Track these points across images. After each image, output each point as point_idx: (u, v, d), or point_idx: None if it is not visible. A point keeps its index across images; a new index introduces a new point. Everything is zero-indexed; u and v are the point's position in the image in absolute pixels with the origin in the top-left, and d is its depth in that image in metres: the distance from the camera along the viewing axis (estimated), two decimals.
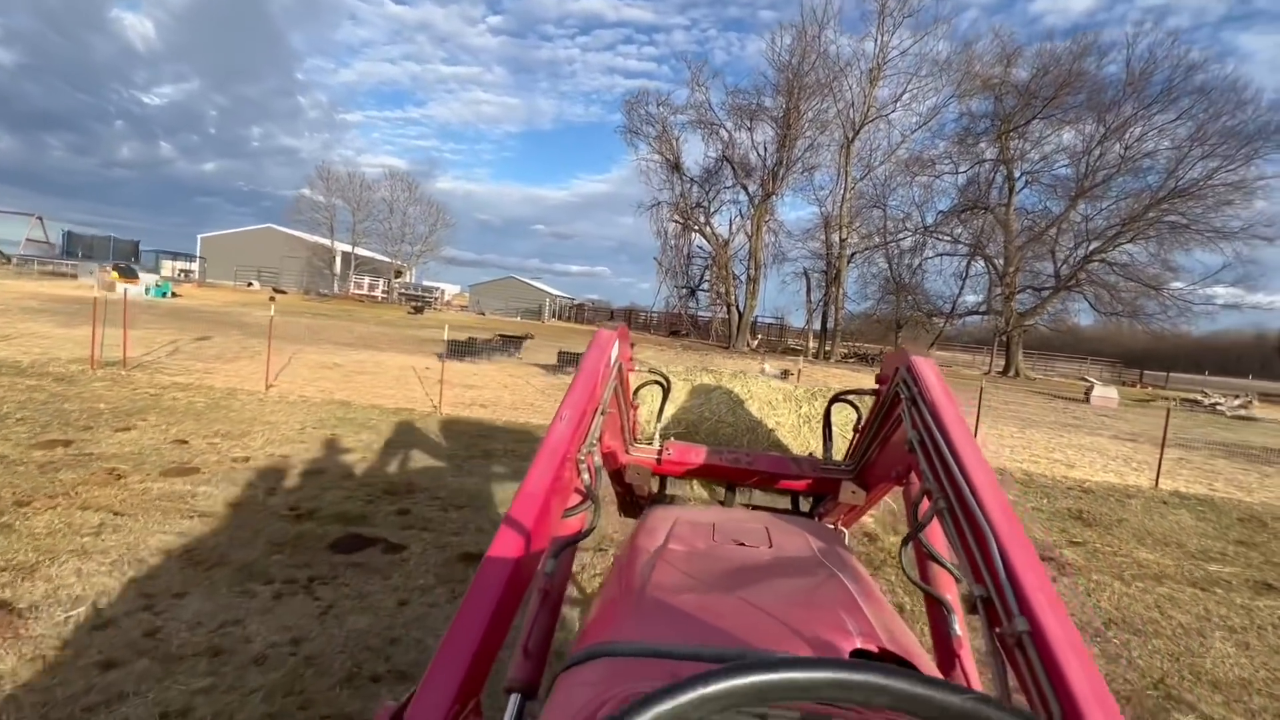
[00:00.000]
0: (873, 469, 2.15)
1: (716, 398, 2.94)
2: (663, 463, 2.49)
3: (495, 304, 45.18)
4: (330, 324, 23.29)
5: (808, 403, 2.95)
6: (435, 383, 12.62)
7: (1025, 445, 12.14)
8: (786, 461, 2.50)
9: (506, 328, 31.66)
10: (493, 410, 10.67)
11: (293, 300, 34.95)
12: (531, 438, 8.95)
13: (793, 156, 31.56)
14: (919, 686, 0.48)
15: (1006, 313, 30.96)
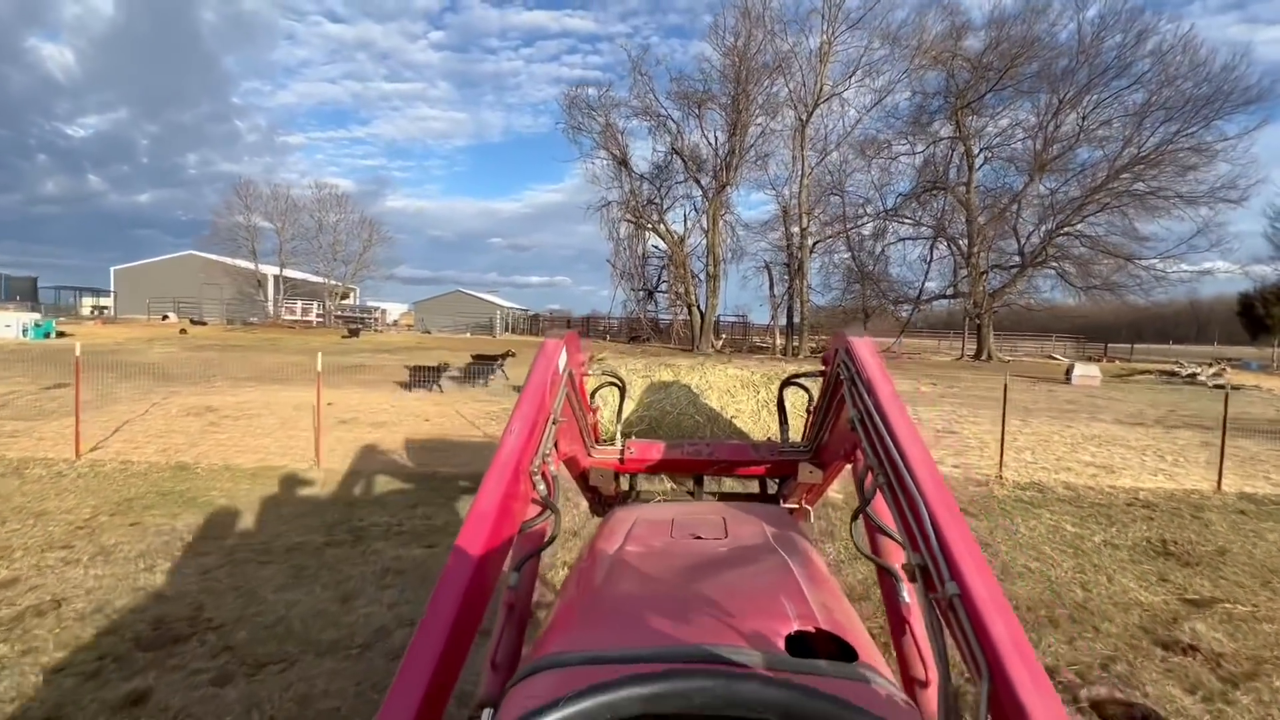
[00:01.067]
0: (827, 448, 2.24)
1: (676, 391, 2.96)
2: (625, 462, 2.52)
3: (442, 321, 42.24)
4: (239, 357, 20.40)
5: (765, 387, 2.99)
6: (336, 423, 10.18)
7: (1043, 443, 10.42)
8: (746, 448, 2.58)
9: (454, 346, 29.02)
10: (401, 457, 8.34)
11: (211, 332, 31.58)
12: (449, 494, 6.71)
13: (745, 145, 29.96)
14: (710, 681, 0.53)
15: (975, 295, 29.91)
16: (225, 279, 38.01)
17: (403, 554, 5.03)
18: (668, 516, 1.83)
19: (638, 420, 2.86)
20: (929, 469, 1.28)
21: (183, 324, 33.05)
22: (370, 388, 14.76)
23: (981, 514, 6.41)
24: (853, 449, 1.86)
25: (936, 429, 11.45)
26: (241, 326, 35.24)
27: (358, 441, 9.11)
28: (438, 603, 1.12)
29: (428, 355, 23.65)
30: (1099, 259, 26.04)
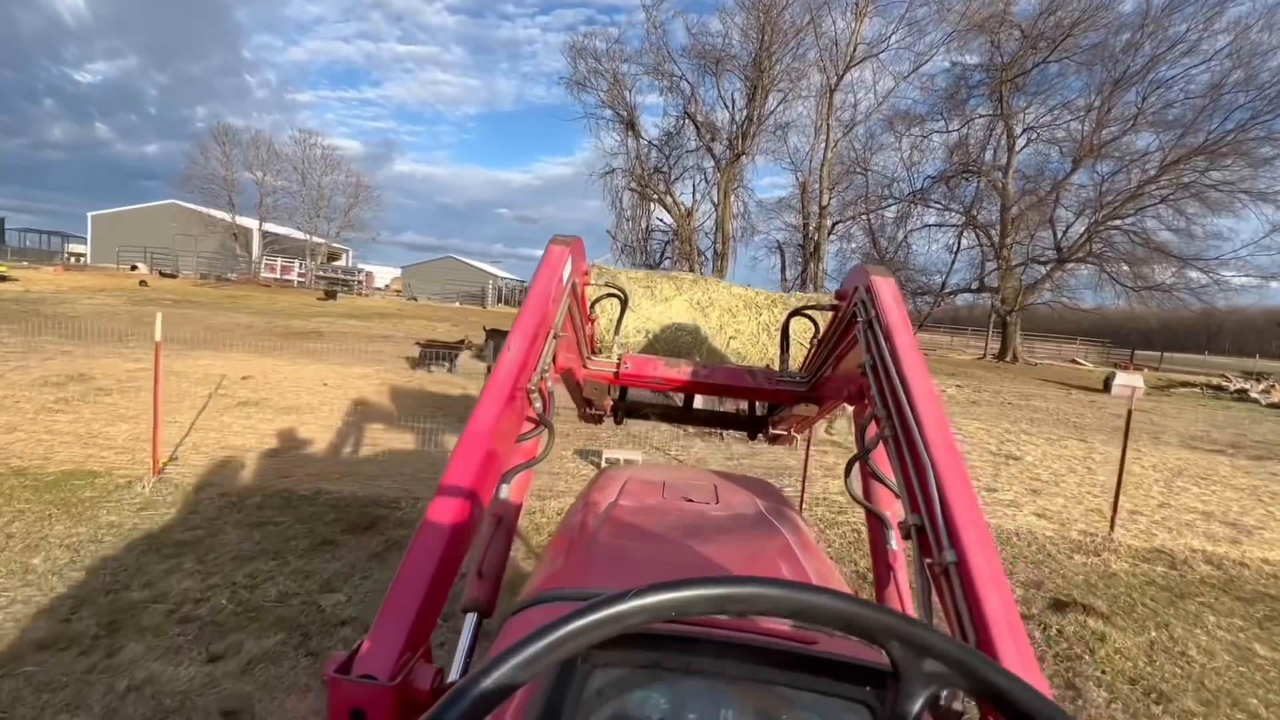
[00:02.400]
0: (826, 385, 2.18)
1: (676, 306, 2.87)
2: (620, 376, 2.48)
3: (431, 288, 39.80)
4: (186, 314, 18.17)
5: (768, 310, 2.89)
6: (235, 405, 7.98)
7: (1129, 478, 8.21)
8: (743, 374, 2.51)
9: (436, 316, 26.78)
10: (294, 465, 6.15)
11: (177, 285, 29.26)
12: (324, 536, 4.56)
13: (764, 112, 27.34)
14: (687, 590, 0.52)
15: (1004, 290, 27.48)
16: (201, 230, 35.45)
17: (163, 674, 2.86)
18: (659, 478, 1.85)
19: (635, 332, 2.78)
20: (941, 428, 1.22)
21: (144, 275, 30.69)
22: (314, 359, 12.54)
23: (1117, 612, 4.23)
24: (856, 392, 1.75)
25: (990, 450, 9.25)
26: (214, 282, 32.89)
27: (248, 434, 6.92)
28: (428, 526, 1.11)
29: (400, 324, 21.40)
30: (1154, 257, 23.55)
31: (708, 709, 0.73)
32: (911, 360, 1.37)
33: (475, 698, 0.46)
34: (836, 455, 8.11)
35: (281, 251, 40.84)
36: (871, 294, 1.58)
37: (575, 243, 1.86)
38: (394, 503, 5.27)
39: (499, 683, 0.47)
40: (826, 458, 7.92)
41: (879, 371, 1.43)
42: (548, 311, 1.56)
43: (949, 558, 1.04)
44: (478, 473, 1.20)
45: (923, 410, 1.25)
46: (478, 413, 1.29)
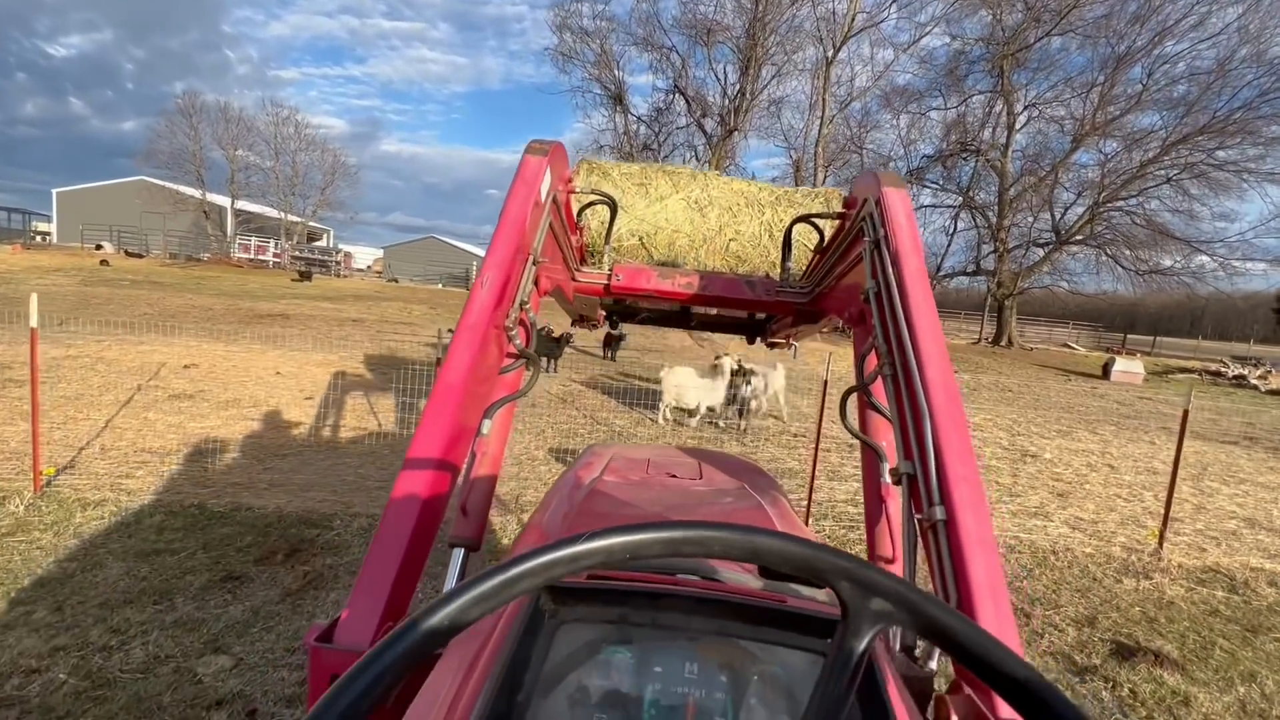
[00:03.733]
0: (826, 300, 2.05)
1: (673, 206, 2.65)
2: (612, 288, 2.38)
3: (412, 269, 38.50)
4: (143, 296, 17.03)
5: (771, 209, 2.68)
6: (166, 398, 7.06)
7: (1153, 477, 7.53)
8: (740, 284, 2.41)
9: (415, 299, 25.71)
10: (223, 474, 5.27)
11: (143, 265, 27.87)
12: (218, 575, 3.73)
13: (758, 87, 26.26)
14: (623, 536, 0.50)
15: (1000, 273, 26.83)
16: (170, 208, 33.81)
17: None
18: (644, 455, 1.82)
19: (628, 235, 2.58)
20: (944, 372, 1.16)
21: (107, 255, 29.24)
22: (273, 345, 11.57)
23: (1190, 659, 3.51)
24: (858, 314, 1.59)
25: (1004, 446, 8.55)
26: (184, 262, 31.47)
27: (172, 434, 6.03)
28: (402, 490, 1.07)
29: (375, 307, 20.37)
30: (1158, 240, 22.90)
31: (673, 664, 0.73)
32: (919, 292, 1.27)
33: (426, 631, 0.45)
34: (840, 456, 7.37)
35: (257, 231, 39.26)
36: (882, 209, 1.43)
37: (555, 149, 1.61)
38: (326, 521, 4.43)
39: (451, 618, 0.46)
40: (830, 457, 7.17)
41: (883, 300, 1.33)
42: (524, 236, 1.41)
43: (939, 515, 1.02)
44: (453, 424, 1.14)
45: (926, 351, 1.17)
46: (449, 363, 1.20)
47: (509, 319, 1.34)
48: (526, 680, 0.69)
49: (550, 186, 1.58)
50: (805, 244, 2.49)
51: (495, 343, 1.33)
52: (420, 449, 1.12)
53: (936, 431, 1.08)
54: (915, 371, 1.16)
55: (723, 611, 0.75)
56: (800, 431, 8.61)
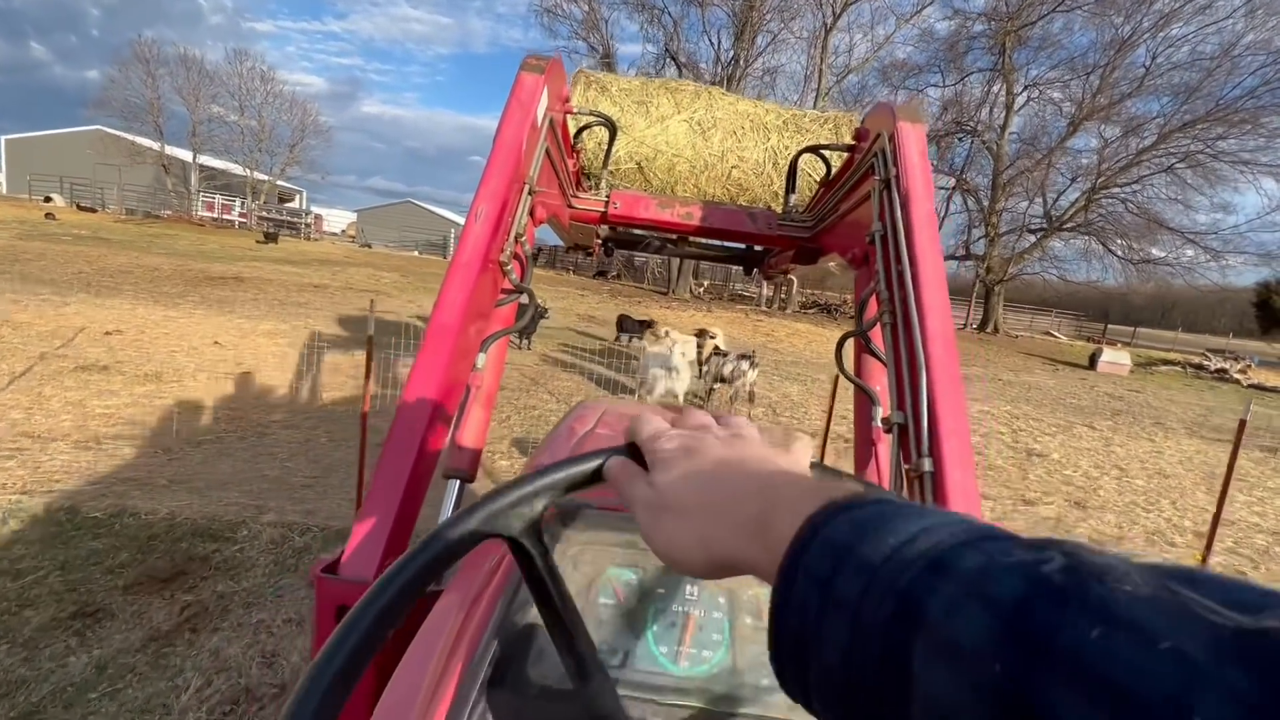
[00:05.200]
0: (829, 237, 2.01)
1: (674, 128, 2.52)
2: (608, 216, 2.27)
3: (387, 235, 36.90)
4: (84, 253, 15.66)
5: (778, 133, 2.56)
6: (74, 369, 6.12)
7: (1164, 480, 7.02)
8: (742, 216, 2.31)
9: (386, 265, 24.47)
10: (85, 459, 4.41)
11: (94, 220, 26.09)
12: None
13: (753, 53, 25.06)
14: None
15: (990, 259, 26.37)
16: (125, 159, 31.68)
17: None
18: (633, 412, 1.67)
19: (626, 158, 2.47)
20: (944, 324, 1.14)
21: (55, 208, 27.36)
22: (220, 310, 10.56)
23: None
24: (861, 256, 1.55)
25: (1008, 443, 7.99)
26: (141, 218, 29.62)
27: (67, 414, 5.14)
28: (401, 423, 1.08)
29: (341, 273, 19.20)
30: (1153, 229, 22.50)
31: (676, 584, 0.74)
32: (926, 238, 1.22)
33: (436, 551, 0.44)
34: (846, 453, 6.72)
35: (224, 188, 37.20)
36: (896, 145, 1.33)
37: (552, 65, 1.48)
38: (229, 531, 3.64)
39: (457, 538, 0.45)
40: (843, 464, 6.51)
41: (889, 244, 1.27)
42: (520, 163, 1.33)
43: (926, 466, 1.02)
44: (449, 362, 1.14)
45: (929, 301, 1.15)
46: (442, 300, 1.18)
47: (504, 253, 1.30)
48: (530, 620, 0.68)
49: (547, 107, 1.48)
50: (811, 175, 2.37)
51: (491, 277, 1.30)
52: (417, 386, 1.11)
53: (932, 384, 1.07)
54: (915, 322, 1.13)
55: None
56: (793, 424, 7.94)
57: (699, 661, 0.71)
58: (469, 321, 1.20)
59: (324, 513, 4.01)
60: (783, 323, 21.60)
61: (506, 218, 1.30)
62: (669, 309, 21.27)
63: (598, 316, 17.12)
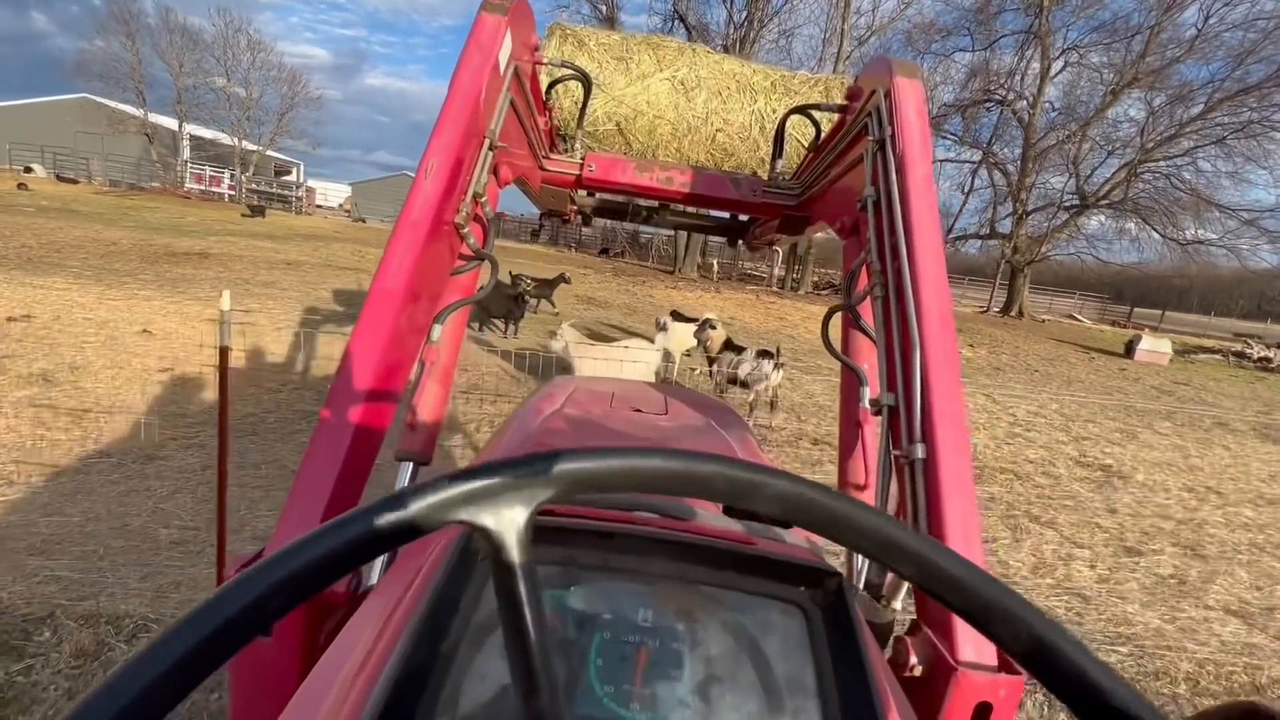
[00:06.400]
0: (817, 204, 1.93)
1: (655, 87, 2.39)
2: (583, 180, 2.19)
3: (381, 208, 35.39)
4: (40, 226, 14.42)
5: (765, 96, 2.45)
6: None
7: (1266, 504, 5.76)
8: (725, 182, 2.22)
9: (376, 241, 23.11)
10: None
11: (72, 191, 24.81)
12: None
13: (767, 13, 23.28)
14: None
15: (1017, 238, 24.78)
16: (107, 128, 30.23)
17: None
18: (608, 389, 1.70)
19: (604, 118, 2.35)
20: (940, 297, 1.06)
21: (29, 178, 26.09)
22: (169, 292, 9.34)
23: None
24: (851, 225, 1.49)
25: (1072, 458, 6.73)
26: (124, 190, 28.30)
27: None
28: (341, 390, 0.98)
29: (323, 249, 17.90)
30: (1200, 206, 20.80)
31: (626, 610, 0.66)
32: (923, 205, 1.14)
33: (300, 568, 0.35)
34: None
35: (215, 159, 35.72)
36: (892, 102, 1.25)
37: (516, 6, 1.35)
38: (21, 633, 2.46)
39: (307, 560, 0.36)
40: None
41: (882, 211, 1.19)
42: (478, 114, 1.22)
43: (918, 453, 0.97)
44: (393, 333, 1.04)
45: (924, 273, 1.08)
46: (385, 265, 1.08)
47: (460, 214, 1.20)
48: (454, 627, 0.61)
49: (511, 54, 1.37)
50: (800, 140, 2.30)
51: (445, 241, 1.19)
52: (355, 359, 1.01)
53: (925, 363, 1.01)
54: (909, 295, 1.06)
55: (685, 555, 0.67)
56: (823, 437, 6.66)
57: (651, 705, 0.60)
58: (418, 288, 1.08)
59: (180, 593, 2.83)
60: (796, 305, 20.22)
61: (463, 175, 1.20)
62: (675, 289, 19.91)
63: (598, 299, 15.84)
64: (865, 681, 0.57)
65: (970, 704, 0.83)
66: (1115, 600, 3.69)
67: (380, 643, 0.61)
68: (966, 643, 0.85)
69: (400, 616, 0.63)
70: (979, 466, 6.05)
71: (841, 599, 0.63)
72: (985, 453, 6.48)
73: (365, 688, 0.55)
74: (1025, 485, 5.67)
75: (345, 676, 0.60)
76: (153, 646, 0.30)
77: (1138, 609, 3.64)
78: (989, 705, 0.84)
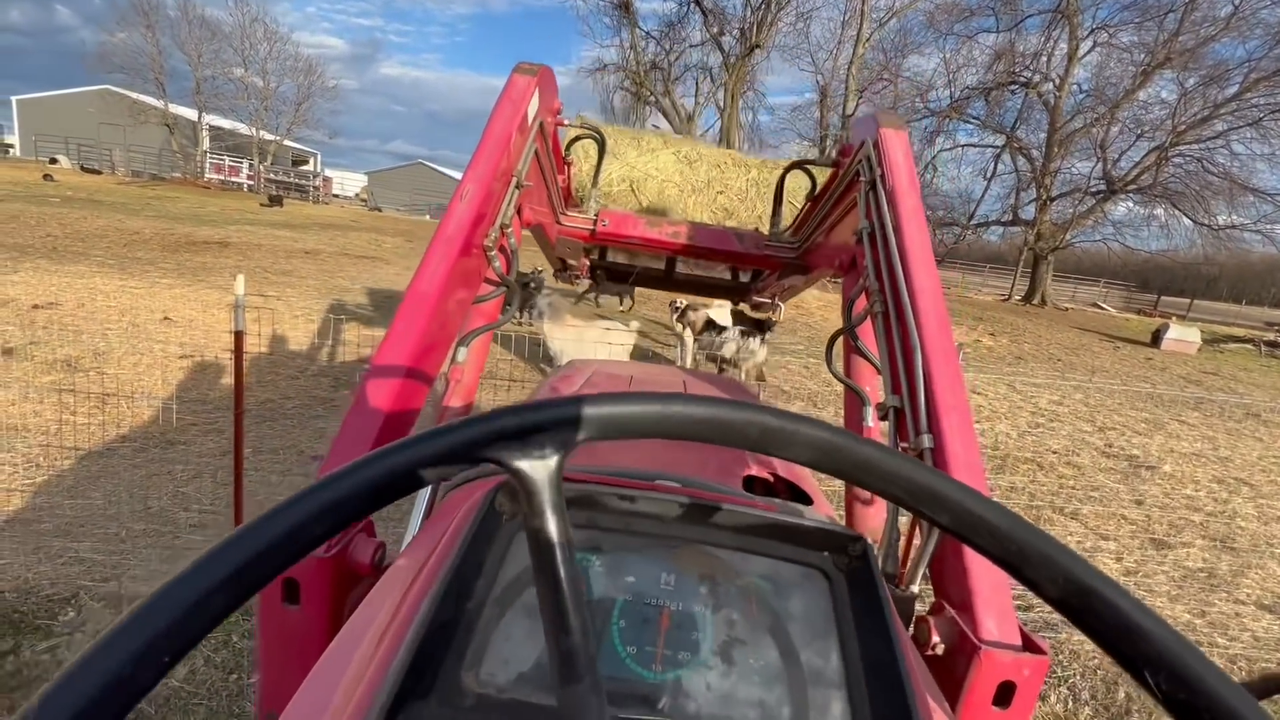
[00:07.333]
0: (817, 252, 2.06)
1: (663, 158, 2.73)
2: (597, 234, 2.32)
3: (397, 197, 35.57)
4: (66, 216, 14.66)
5: (758, 168, 2.81)
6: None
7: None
8: (730, 236, 2.38)
9: (394, 229, 23.30)
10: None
11: (95, 182, 25.23)
12: None
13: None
14: None
15: (1040, 225, 24.23)
16: (128, 119, 30.58)
17: None
18: (625, 373, 1.74)
19: (619, 180, 2.66)
20: (936, 304, 1.13)
21: (56, 170, 26.55)
22: (190, 280, 9.47)
23: None
24: (849, 261, 1.61)
25: (1098, 448, 6.58)
26: (146, 180, 28.71)
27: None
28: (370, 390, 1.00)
29: (340, 238, 18.04)
30: (1234, 191, 20.12)
31: (648, 573, 0.65)
32: (914, 228, 1.24)
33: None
34: None
35: (234, 149, 36.05)
36: (879, 150, 1.39)
37: (543, 72, 1.53)
38: (47, 612, 2.51)
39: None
40: None
41: (877, 240, 1.29)
42: (509, 155, 1.36)
43: (926, 443, 1.00)
44: (422, 341, 1.08)
45: (919, 284, 1.15)
46: (422, 271, 1.14)
47: (489, 239, 1.29)
48: (478, 588, 0.60)
49: (537, 111, 1.52)
50: (793, 202, 2.46)
51: (474, 261, 1.27)
52: (386, 360, 1.04)
53: (927, 361, 1.06)
54: (907, 304, 1.12)
55: (707, 519, 0.68)
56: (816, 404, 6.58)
57: (674, 665, 0.61)
58: (449, 297, 1.15)
59: None
60: (811, 291, 19.98)
61: (492, 206, 1.29)
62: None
63: None
64: (889, 644, 0.57)
65: (993, 683, 0.83)
66: (1143, 594, 3.60)
67: (404, 606, 0.61)
68: (989, 621, 0.85)
69: (425, 580, 0.63)
70: (1000, 456, 5.94)
71: (866, 564, 0.63)
72: (1007, 442, 6.37)
73: (391, 648, 0.56)
74: (1049, 476, 5.56)
75: (371, 638, 0.60)
76: (210, 555, 0.32)
77: (1166, 603, 3.55)
78: (1012, 684, 0.83)
